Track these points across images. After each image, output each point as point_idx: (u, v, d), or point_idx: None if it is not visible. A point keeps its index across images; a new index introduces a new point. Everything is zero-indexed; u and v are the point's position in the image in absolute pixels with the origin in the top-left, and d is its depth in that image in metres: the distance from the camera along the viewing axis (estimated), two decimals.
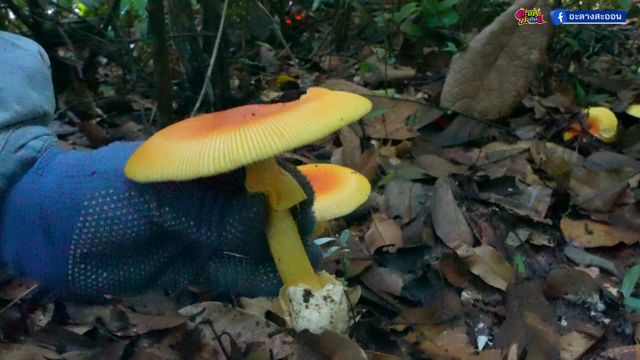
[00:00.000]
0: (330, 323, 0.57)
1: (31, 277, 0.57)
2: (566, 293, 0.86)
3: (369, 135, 1.52)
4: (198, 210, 0.51)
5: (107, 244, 0.52)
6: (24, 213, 0.54)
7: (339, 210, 0.73)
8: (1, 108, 0.56)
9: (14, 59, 0.62)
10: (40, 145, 0.58)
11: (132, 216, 0.52)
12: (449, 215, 1.04)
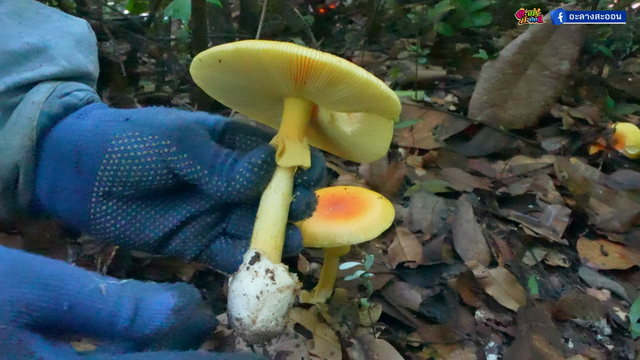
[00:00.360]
0: (257, 299, 0.50)
1: (60, 213, 0.63)
2: (575, 316, 0.92)
3: (397, 143, 1.57)
4: (213, 159, 0.56)
5: (126, 184, 0.58)
6: (60, 148, 0.61)
7: (364, 236, 0.79)
8: (51, 63, 0.65)
9: (65, 27, 0.71)
10: (82, 95, 0.65)
11: (151, 158, 0.57)
12: (468, 233, 1.10)
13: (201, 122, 0.61)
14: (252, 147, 0.60)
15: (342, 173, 1.38)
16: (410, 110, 1.66)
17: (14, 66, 0.62)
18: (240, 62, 0.52)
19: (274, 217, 0.54)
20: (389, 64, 2.75)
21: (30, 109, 0.61)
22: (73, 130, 0.61)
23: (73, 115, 0.63)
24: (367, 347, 0.77)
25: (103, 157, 0.57)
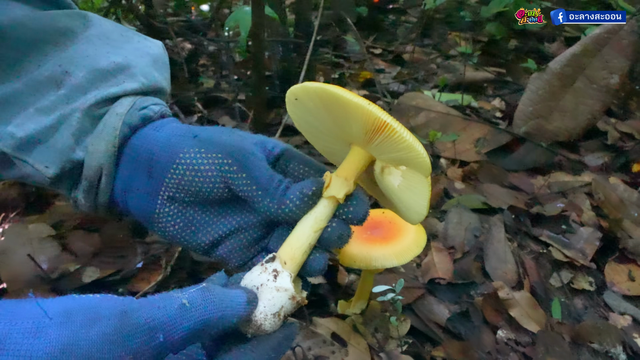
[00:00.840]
0: (255, 289, 0.57)
1: (130, 210, 0.72)
2: (592, 342, 0.99)
3: (439, 154, 1.64)
4: (268, 182, 0.63)
5: (187, 192, 0.66)
6: (137, 154, 0.70)
7: (397, 261, 0.89)
8: (132, 80, 0.75)
9: (144, 48, 0.81)
10: (157, 109, 0.75)
11: (212, 173, 0.65)
12: (498, 252, 1.17)
13: (260, 145, 0.69)
14: (302, 176, 0.68)
15: None
16: (453, 122, 1.72)
17: (102, 82, 0.73)
18: (326, 104, 0.60)
19: (300, 234, 0.61)
20: (439, 62, 2.78)
21: (114, 120, 0.71)
22: (149, 140, 0.70)
23: (150, 127, 0.73)
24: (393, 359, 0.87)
25: (171, 167, 0.66)
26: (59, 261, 1.16)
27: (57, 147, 0.70)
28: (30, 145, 0.69)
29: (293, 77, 2.06)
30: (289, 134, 1.80)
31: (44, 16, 0.75)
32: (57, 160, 0.70)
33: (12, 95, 0.71)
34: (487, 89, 2.39)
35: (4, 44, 0.71)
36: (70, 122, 0.70)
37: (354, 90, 2.26)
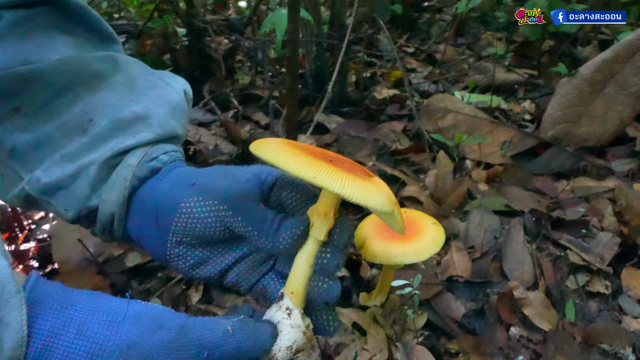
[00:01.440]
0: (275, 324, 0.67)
1: (145, 251, 0.81)
2: (602, 343, 1.03)
3: (465, 156, 1.68)
4: (261, 222, 0.69)
5: (192, 236, 0.73)
6: (144, 204, 0.77)
7: (416, 258, 0.95)
8: (147, 130, 0.81)
9: (164, 95, 0.87)
10: (166, 159, 0.81)
11: (211, 219, 0.71)
12: (516, 254, 1.22)
13: (254, 178, 0.75)
14: (295, 204, 0.74)
15: (410, 183, 1.52)
16: (480, 125, 1.76)
17: (121, 131, 0.80)
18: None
19: (298, 271, 0.68)
20: (471, 63, 2.80)
21: (126, 171, 0.77)
22: (154, 191, 0.77)
23: (156, 177, 0.79)
24: (409, 350, 0.94)
25: (175, 216, 0.73)
26: (105, 246, 1.26)
27: (75, 195, 0.78)
28: (54, 190, 0.78)
29: (327, 76, 2.13)
30: (320, 131, 1.88)
31: (78, 60, 0.82)
32: (75, 206, 0.78)
33: (46, 139, 0.79)
34: (518, 91, 2.40)
35: (41, 86, 0.79)
36: (88, 173, 0.77)
37: (385, 89, 2.31)
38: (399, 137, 1.79)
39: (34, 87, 0.79)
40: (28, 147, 0.79)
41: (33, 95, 0.79)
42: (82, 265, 1.22)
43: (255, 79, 2.40)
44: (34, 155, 0.79)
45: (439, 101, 1.86)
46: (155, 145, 0.82)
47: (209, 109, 2.07)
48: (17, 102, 0.79)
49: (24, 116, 0.79)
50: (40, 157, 0.79)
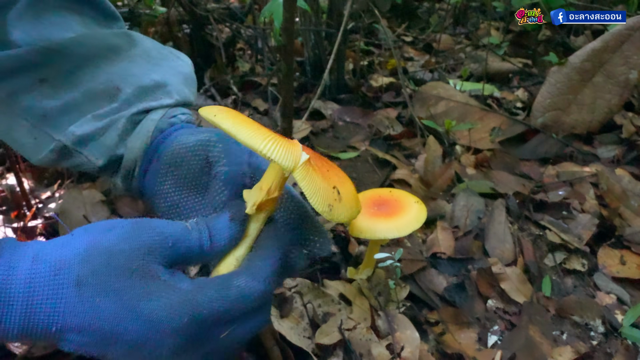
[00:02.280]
0: None
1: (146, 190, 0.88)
2: (573, 315, 1.10)
3: (455, 141, 1.74)
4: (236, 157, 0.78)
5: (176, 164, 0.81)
6: (160, 151, 0.85)
7: (398, 233, 1.01)
8: (168, 96, 0.92)
9: (177, 67, 0.98)
10: (184, 117, 0.91)
11: (197, 148, 0.81)
12: (498, 233, 1.29)
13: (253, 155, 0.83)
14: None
15: (400, 167, 1.59)
16: (471, 111, 1.81)
17: (145, 96, 0.90)
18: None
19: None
20: (468, 51, 2.84)
21: (150, 124, 0.88)
22: (167, 137, 0.87)
23: (172, 129, 0.89)
24: (391, 318, 1.01)
25: (170, 145, 0.83)
26: None
27: (105, 144, 0.87)
28: (86, 141, 0.87)
29: (324, 63, 2.18)
30: (316, 117, 1.94)
31: (96, 34, 0.92)
32: (105, 154, 0.88)
33: (73, 104, 0.88)
34: (513, 80, 2.45)
35: (64, 59, 0.87)
36: (117, 126, 0.87)
37: (381, 77, 2.36)
38: (392, 124, 1.85)
39: (57, 59, 0.86)
40: (58, 112, 0.87)
41: (57, 67, 0.87)
42: None
43: (255, 66, 2.46)
44: (64, 119, 0.87)
45: (432, 88, 1.92)
46: (177, 108, 0.93)
47: (209, 95, 2.13)
48: (43, 74, 0.87)
49: (50, 86, 0.87)
50: (71, 120, 0.87)
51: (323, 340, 0.99)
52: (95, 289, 0.56)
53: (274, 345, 0.97)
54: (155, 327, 0.56)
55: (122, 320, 0.56)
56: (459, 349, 0.99)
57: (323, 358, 0.98)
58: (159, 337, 0.57)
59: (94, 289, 0.56)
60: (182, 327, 0.57)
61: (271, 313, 1.03)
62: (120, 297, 0.57)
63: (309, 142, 1.74)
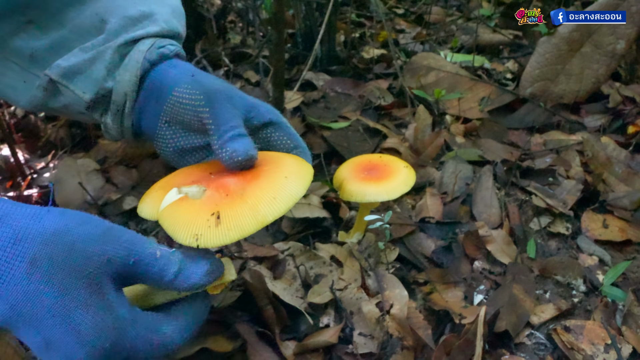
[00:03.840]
0: None
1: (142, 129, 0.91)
2: (556, 274, 1.14)
3: (445, 111, 1.77)
4: (222, 124, 0.78)
5: (177, 120, 0.84)
6: (152, 84, 0.85)
7: (387, 196, 1.04)
8: (155, 24, 0.91)
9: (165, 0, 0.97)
10: (173, 49, 0.90)
11: (190, 106, 0.81)
12: (485, 198, 1.32)
13: (249, 104, 0.84)
14: (282, 145, 0.86)
15: (390, 136, 1.61)
16: (461, 81, 1.83)
17: (131, 27, 0.89)
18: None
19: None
20: (460, 23, 2.85)
21: (138, 55, 0.86)
22: (163, 74, 0.86)
23: (166, 64, 0.88)
24: (380, 278, 1.04)
25: (168, 97, 0.83)
26: (103, 191, 1.36)
27: (93, 77, 0.86)
28: (73, 74, 0.86)
29: (316, 35, 2.18)
30: (307, 88, 1.95)
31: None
32: (93, 87, 0.86)
33: (61, 41, 0.88)
34: (503, 52, 2.47)
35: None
36: (104, 57, 0.86)
37: (373, 49, 2.37)
38: (383, 94, 1.86)
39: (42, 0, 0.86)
40: (46, 51, 0.87)
41: (43, 7, 0.87)
42: (82, 208, 1.31)
43: (247, 38, 2.46)
44: (52, 58, 0.87)
45: (423, 59, 1.93)
46: (164, 39, 0.91)
47: (201, 67, 2.13)
48: (29, 15, 0.87)
49: (37, 27, 0.87)
50: (59, 57, 0.87)
51: (315, 299, 1.03)
52: (44, 275, 0.55)
53: (267, 305, 1.00)
54: (78, 338, 0.56)
55: (52, 316, 0.55)
56: (446, 306, 1.03)
57: (315, 316, 1.02)
58: (76, 349, 0.56)
59: (43, 275, 0.55)
60: (102, 349, 0.57)
61: (264, 274, 1.06)
62: (62, 296, 0.56)
63: (300, 112, 1.75)
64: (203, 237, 0.64)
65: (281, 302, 1.01)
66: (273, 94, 1.56)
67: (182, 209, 0.68)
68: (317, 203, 1.28)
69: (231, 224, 0.65)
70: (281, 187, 0.70)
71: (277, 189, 0.70)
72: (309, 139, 1.58)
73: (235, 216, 0.66)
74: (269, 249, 1.14)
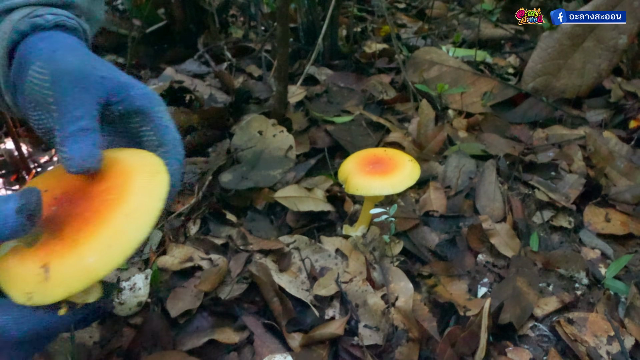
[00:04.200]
0: None
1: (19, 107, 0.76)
2: (559, 268, 1.15)
3: (447, 105, 1.77)
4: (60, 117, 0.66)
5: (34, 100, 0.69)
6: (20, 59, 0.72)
7: (392, 190, 1.05)
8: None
9: None
10: (51, 18, 0.75)
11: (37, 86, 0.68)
12: (488, 192, 1.33)
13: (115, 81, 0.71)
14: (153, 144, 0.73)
15: (394, 130, 1.61)
16: (464, 76, 1.84)
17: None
18: None
19: None
20: (461, 18, 2.85)
21: (7, 26, 0.75)
22: (31, 49, 0.74)
23: (36, 36, 0.74)
24: (385, 271, 1.05)
25: (25, 77, 0.71)
26: None
27: None
28: None
29: (318, 29, 2.18)
30: (310, 83, 1.95)
31: None
32: None
33: None
34: (505, 46, 2.47)
35: None
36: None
37: (374, 43, 2.37)
38: (385, 88, 1.87)
39: None
40: None
41: None
42: None
43: (249, 32, 2.46)
44: None
45: (425, 54, 1.94)
46: (48, 7, 0.77)
47: (203, 62, 2.13)
48: None
49: None
50: None
51: (321, 292, 1.03)
52: None
53: (273, 297, 1.01)
54: None
55: None
56: (450, 298, 1.04)
57: (321, 308, 1.02)
58: None
59: None
60: None
61: (270, 267, 1.07)
62: None
63: (303, 106, 1.76)
64: (35, 295, 0.57)
65: (287, 295, 1.02)
66: (277, 87, 1.56)
67: (13, 260, 0.60)
68: (322, 197, 1.29)
69: (59, 278, 0.57)
70: (119, 230, 0.58)
71: (114, 234, 0.58)
72: (312, 133, 1.59)
73: (63, 270, 0.57)
74: (274, 242, 1.15)
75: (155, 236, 1.20)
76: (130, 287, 0.97)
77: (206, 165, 1.42)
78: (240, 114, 1.67)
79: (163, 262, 1.10)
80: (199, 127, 1.52)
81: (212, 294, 1.03)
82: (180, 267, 1.09)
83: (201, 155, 1.48)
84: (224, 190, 1.32)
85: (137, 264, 1.12)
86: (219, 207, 1.29)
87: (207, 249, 1.15)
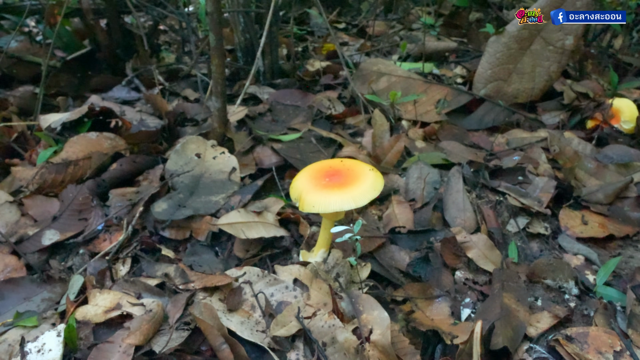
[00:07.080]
0: None
1: None
2: (545, 278, 1.02)
3: (400, 116, 1.66)
4: None
5: None
6: None
7: (355, 203, 0.90)
8: None
9: None
10: None
11: None
12: (457, 202, 1.20)
13: None
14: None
15: (346, 144, 1.48)
16: (414, 85, 1.74)
17: None
18: None
19: None
20: (403, 34, 2.80)
21: None
22: None
23: None
24: (354, 300, 0.89)
25: None
26: (18, 226, 1.14)
27: None
28: None
29: (257, 48, 2.05)
30: (252, 103, 1.80)
31: None
32: None
33: None
34: (449, 58, 2.42)
35: None
36: None
37: (317, 62, 2.26)
38: (334, 103, 1.74)
39: None
40: None
41: None
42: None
43: (182, 56, 2.30)
44: None
45: (372, 65, 1.83)
46: None
47: (133, 87, 1.94)
48: None
49: None
50: None
51: (280, 332, 0.86)
52: None
53: (222, 344, 0.83)
54: None
55: None
56: (432, 325, 0.88)
57: (281, 352, 0.85)
58: None
59: None
60: None
61: (217, 307, 0.89)
62: None
63: (246, 126, 1.60)
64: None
65: (239, 339, 0.83)
66: (215, 104, 1.39)
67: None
68: (273, 220, 1.12)
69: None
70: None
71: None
72: (257, 153, 1.43)
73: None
74: (220, 277, 0.96)
75: (76, 282, 1.00)
76: (37, 349, 0.77)
77: (136, 195, 1.22)
78: (175, 138, 1.49)
79: (83, 314, 0.90)
80: (126, 153, 1.33)
81: (146, 348, 0.84)
82: (105, 317, 0.89)
83: (130, 185, 1.29)
84: (158, 222, 1.13)
85: (50, 318, 0.90)
86: (152, 242, 1.10)
87: (138, 292, 0.95)
